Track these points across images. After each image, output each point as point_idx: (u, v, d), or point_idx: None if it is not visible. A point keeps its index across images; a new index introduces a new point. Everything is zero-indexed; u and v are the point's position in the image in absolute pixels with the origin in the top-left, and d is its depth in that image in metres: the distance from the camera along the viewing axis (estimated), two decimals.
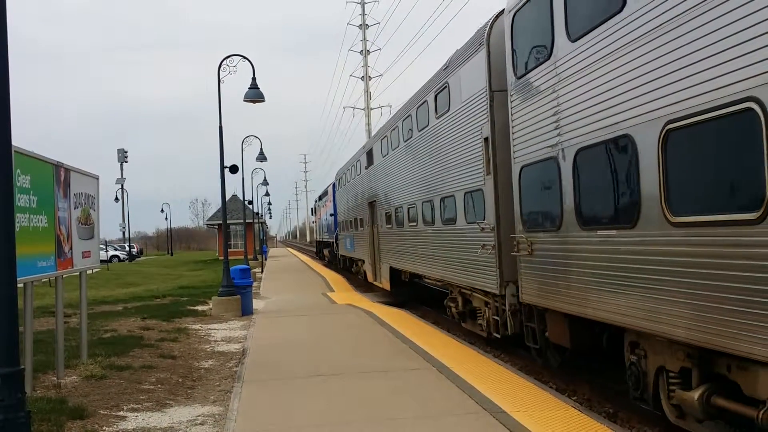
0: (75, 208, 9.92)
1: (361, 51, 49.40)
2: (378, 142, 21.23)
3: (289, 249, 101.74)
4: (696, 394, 6.13)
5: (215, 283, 26.23)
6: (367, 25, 49.26)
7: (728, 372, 5.85)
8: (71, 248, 9.69)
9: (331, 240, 41.16)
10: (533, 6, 8.93)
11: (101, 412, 7.87)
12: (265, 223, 79.58)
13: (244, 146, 32.71)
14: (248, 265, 23.52)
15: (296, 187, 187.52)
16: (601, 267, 7.46)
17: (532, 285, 9.44)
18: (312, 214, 69.23)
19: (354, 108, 52.71)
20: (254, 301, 19.11)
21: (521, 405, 7.41)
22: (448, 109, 12.84)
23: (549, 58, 8.55)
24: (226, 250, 18.62)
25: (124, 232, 75.45)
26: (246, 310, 17.46)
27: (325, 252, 47.61)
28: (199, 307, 19.45)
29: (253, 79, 18.07)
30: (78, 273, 10.46)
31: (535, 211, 9.30)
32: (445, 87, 12.95)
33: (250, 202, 49.29)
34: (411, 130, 16.09)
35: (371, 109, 49.17)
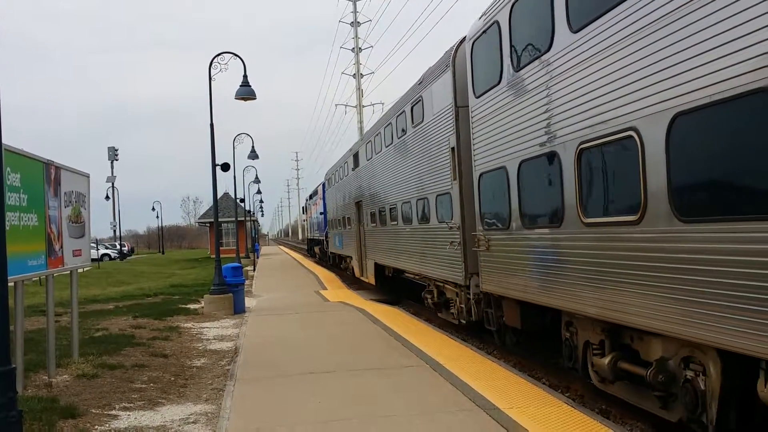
0: (65, 207, 9.86)
1: (353, 48, 49.34)
2: (364, 146, 22.56)
3: (281, 247, 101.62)
4: (606, 360, 7.66)
5: (207, 281, 26.16)
6: (358, 22, 49.19)
7: (631, 342, 7.43)
8: (62, 247, 9.64)
9: (321, 238, 42.43)
10: (487, 36, 10.35)
11: (93, 411, 7.84)
12: (257, 221, 79.45)
13: (235, 144, 32.65)
14: (240, 263, 23.46)
15: (288, 185, 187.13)
16: (539, 260, 8.95)
17: (490, 276, 10.88)
18: (303, 213, 71.45)
19: (346, 105, 52.64)
20: (246, 299, 19.07)
21: (515, 402, 7.42)
22: (422, 120, 14.23)
23: (499, 83, 10.01)
24: (218, 248, 18.56)
25: (115, 231, 75.19)
26: (238, 309, 17.42)
27: (316, 249, 48.87)
28: (191, 306, 19.40)
29: (245, 76, 18.01)
30: (69, 271, 10.41)
31: (491, 213, 10.71)
32: (420, 100, 14.39)
33: (242, 200, 49.21)
34: (392, 136, 17.47)
35: (363, 106, 49.11)
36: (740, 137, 5.18)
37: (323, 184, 39.23)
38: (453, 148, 12.15)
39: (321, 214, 41.04)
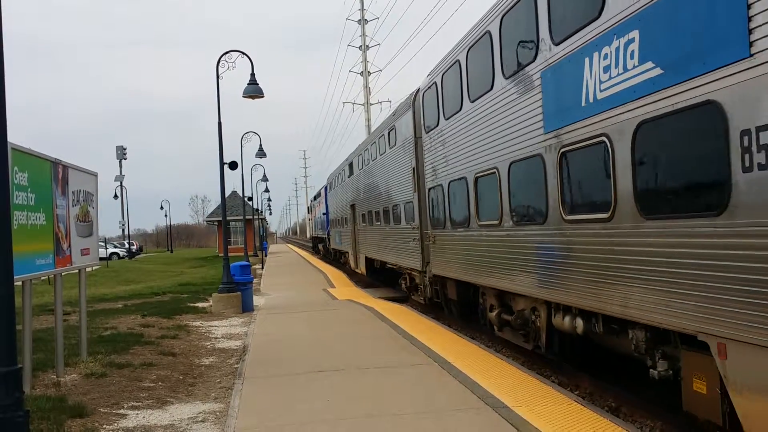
0: (73, 206, 9.86)
1: (360, 46, 49.26)
2: (357, 158, 26.29)
3: (289, 245, 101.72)
4: (494, 314, 11.53)
5: (215, 279, 26.19)
6: (366, 20, 49.11)
7: (510, 302, 11.06)
8: (70, 246, 9.64)
9: (324, 236, 46.55)
10: (430, 91, 14.34)
11: (101, 410, 7.84)
12: (265, 220, 79.53)
13: (243, 143, 32.63)
14: (248, 261, 23.48)
15: (296, 183, 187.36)
16: (462, 251, 12.67)
17: (436, 263, 14.74)
18: (308, 212, 78.05)
19: (353, 103, 52.56)
20: (255, 297, 19.07)
21: (523, 399, 7.38)
22: (395, 144, 18.22)
23: (437, 125, 13.81)
24: (226, 247, 18.57)
25: (123, 230, 75.40)
26: (246, 307, 17.42)
27: (320, 246, 53.05)
28: (200, 304, 19.42)
29: (252, 74, 18.00)
30: (77, 270, 10.42)
31: (435, 217, 14.58)
32: (393, 128, 18.40)
33: (250, 199, 49.23)
34: (377, 152, 21.46)
35: (371, 104, 49.05)
36: (530, 177, 9.34)
37: (325, 187, 43.15)
38: (413, 168, 16.14)
39: (324, 214, 44.59)
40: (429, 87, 14.35)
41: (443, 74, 13.20)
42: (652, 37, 6.35)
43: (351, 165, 27.90)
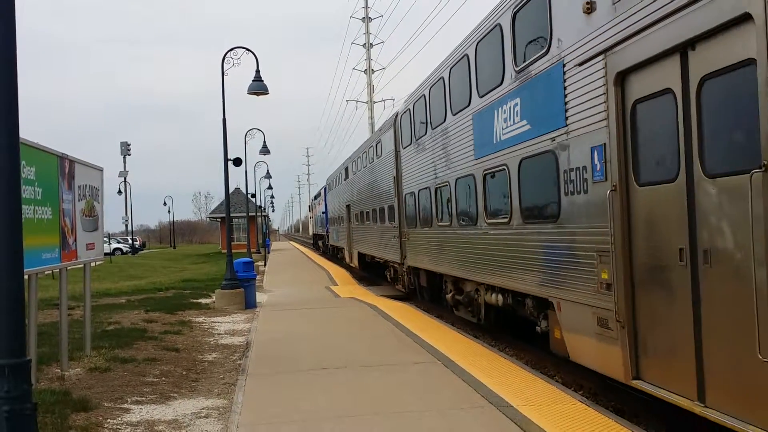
0: (79, 200, 9.88)
1: (364, 44, 49.24)
2: (351, 163, 29.36)
3: (291, 242, 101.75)
4: (450, 295, 14.26)
5: (218, 276, 26.23)
6: (370, 18, 49.09)
7: (462, 286, 13.58)
8: (75, 240, 9.66)
9: (323, 233, 50.22)
10: (406, 114, 17.28)
11: (105, 404, 7.85)
12: (268, 217, 79.57)
13: (247, 139, 32.68)
14: (251, 258, 23.50)
15: (299, 181, 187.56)
16: (429, 245, 15.50)
17: (411, 256, 17.75)
18: (309, 211, 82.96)
19: (357, 101, 52.59)
20: (258, 294, 19.10)
21: (528, 399, 7.38)
22: (381, 154, 21.29)
23: (411, 143, 16.86)
24: (230, 243, 18.57)
25: (126, 225, 75.50)
26: (249, 304, 17.44)
27: (320, 243, 56.41)
28: (203, 300, 19.44)
29: (257, 71, 17.99)
30: (82, 265, 10.43)
31: (410, 217, 17.48)
32: (380, 141, 21.48)
33: (253, 195, 49.29)
34: (366, 161, 24.54)
35: (374, 102, 49.03)
36: (468, 190, 12.18)
37: (325, 188, 46.76)
38: (394, 177, 19.11)
39: (323, 213, 47.88)
40: (405, 111, 17.51)
41: (415, 103, 16.26)
42: (525, 105, 9.44)
43: (347, 169, 31.07)
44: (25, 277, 7.23)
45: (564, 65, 8.22)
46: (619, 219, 7.10)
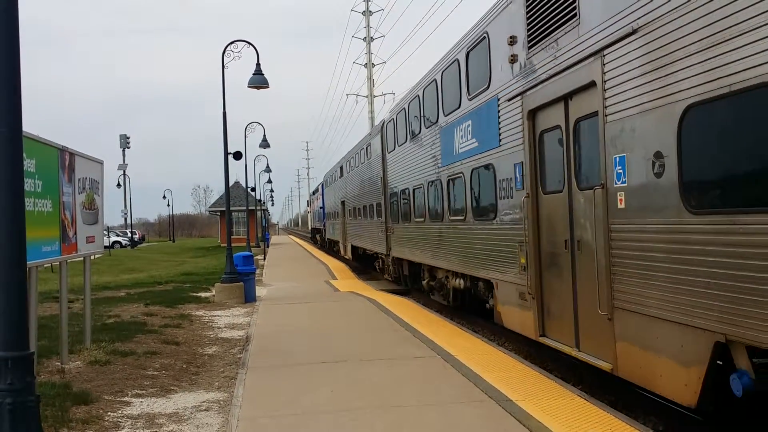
0: (79, 193, 9.88)
1: (365, 38, 49.17)
2: (346, 162, 31.48)
3: (291, 236, 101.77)
4: (426, 282, 16.49)
5: (218, 269, 26.25)
6: (370, 11, 49.00)
7: (435, 273, 15.49)
8: (75, 233, 9.66)
9: (321, 227, 52.69)
10: (391, 123, 19.46)
11: (106, 397, 7.87)
12: (268, 211, 79.56)
13: (247, 133, 32.66)
14: (251, 252, 23.51)
15: (298, 175, 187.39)
16: (410, 238, 17.53)
17: (395, 248, 19.97)
18: (308, 206, 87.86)
19: (357, 95, 52.51)
20: (257, 288, 19.12)
21: (527, 393, 7.40)
22: (370, 156, 23.53)
23: (394, 149, 19.10)
24: (230, 237, 18.58)
25: (126, 218, 75.49)
26: (249, 297, 17.46)
27: (318, 237, 59.09)
28: (202, 294, 19.46)
29: (258, 64, 17.96)
30: (81, 258, 10.44)
31: (394, 213, 19.63)
32: (369, 144, 23.72)
33: (253, 189, 49.24)
34: (358, 162, 26.76)
35: (374, 96, 48.98)
36: (437, 191, 14.32)
37: (322, 184, 49.21)
38: (381, 178, 21.20)
39: (320, 208, 50.41)
40: (390, 120, 19.65)
41: (397, 114, 18.48)
42: (475, 127, 11.69)
43: (342, 168, 33.44)
44: (26, 270, 7.25)
45: (498, 99, 10.41)
46: (530, 218, 9.35)
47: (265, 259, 38.42)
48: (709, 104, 5.61)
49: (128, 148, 74.30)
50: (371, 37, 48.99)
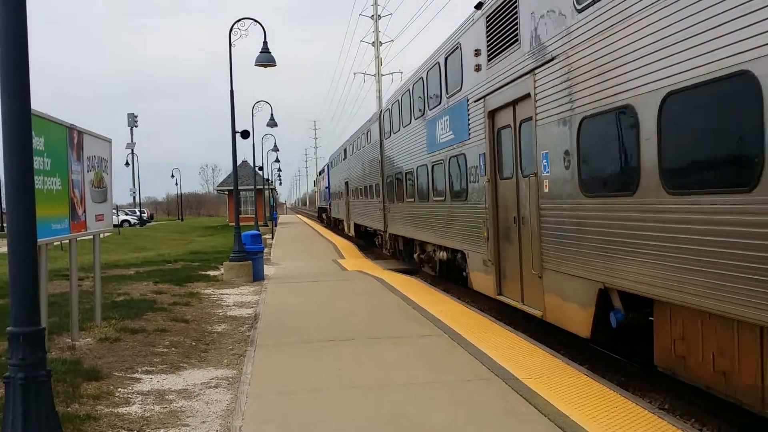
0: (88, 171, 9.92)
1: (372, 15, 48.83)
2: (349, 145, 33.65)
3: (298, 215, 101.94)
4: (417, 255, 18.47)
5: (226, 248, 26.35)
6: None
7: (425, 246, 17.49)
8: (85, 211, 9.71)
9: (326, 206, 55.34)
10: (387, 113, 21.49)
11: (116, 374, 7.96)
12: (275, 190, 79.65)
13: (254, 112, 32.62)
14: (259, 230, 23.58)
15: (306, 154, 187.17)
16: (403, 216, 19.27)
17: (391, 225, 21.88)
18: (314, 185, 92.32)
19: (364, 74, 52.31)
20: (265, 267, 19.19)
21: (533, 372, 7.44)
22: (370, 141, 25.62)
23: (390, 136, 21.04)
24: (237, 216, 18.63)
25: (134, 197, 75.74)
26: (257, 276, 17.55)
27: (324, 216, 61.75)
28: (211, 272, 19.56)
29: (265, 43, 17.89)
30: (91, 236, 10.50)
31: (390, 194, 21.55)
32: (369, 130, 25.77)
33: (261, 168, 49.27)
34: (361, 145, 28.70)
35: (382, 75, 48.73)
36: (423, 175, 16.46)
37: (328, 165, 51.56)
38: (379, 161, 23.26)
39: (326, 188, 52.70)
40: (387, 109, 21.50)
41: (392, 104, 20.34)
42: (451, 121, 13.58)
43: (345, 150, 35.63)
44: (37, 247, 7.31)
45: (468, 100, 12.38)
46: (490, 199, 11.44)
47: (273, 238, 38.53)
48: (595, 118, 7.66)
49: (136, 126, 74.30)
50: (379, 15, 48.67)
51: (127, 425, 6.27)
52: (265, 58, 17.93)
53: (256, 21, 18.06)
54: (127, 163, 72.46)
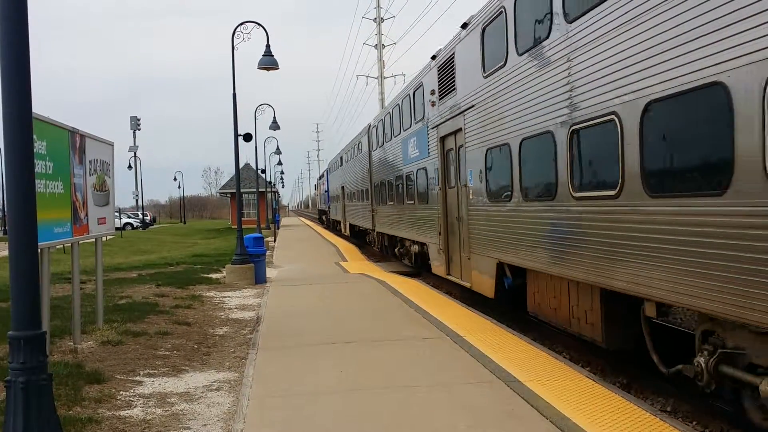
0: (90, 175, 9.93)
1: (375, 18, 48.90)
2: (345, 154, 37.29)
3: (301, 218, 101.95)
4: (397, 249, 22.39)
5: (228, 251, 26.36)
6: None
7: (403, 242, 21.30)
8: (87, 214, 9.73)
9: (326, 209, 59.23)
10: (375, 128, 24.74)
11: (118, 376, 7.96)
12: (278, 192, 79.70)
13: (257, 114, 32.64)
14: (261, 233, 23.58)
15: (308, 157, 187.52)
16: (388, 216, 22.60)
17: (378, 225, 25.21)
18: (314, 189, 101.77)
19: (367, 77, 52.30)
20: (267, 269, 19.19)
21: (535, 374, 7.43)
22: (361, 151, 28.97)
23: (376, 149, 24.53)
24: (240, 219, 18.65)
25: (137, 200, 75.84)
26: (259, 279, 17.55)
27: (324, 217, 65.51)
28: (213, 275, 19.57)
29: (267, 46, 17.90)
30: (93, 239, 10.51)
31: (378, 197, 24.46)
32: (360, 142, 29.36)
33: (263, 171, 49.31)
34: (354, 153, 31.82)
35: (384, 78, 48.79)
36: (399, 184, 20.23)
37: (327, 171, 56.18)
38: (368, 169, 26.72)
39: (325, 192, 56.92)
40: (375, 125, 24.86)
41: (379, 121, 23.84)
42: (417, 142, 16.91)
43: (342, 158, 39.40)
44: (38, 251, 7.32)
45: (427, 127, 15.86)
46: (441, 203, 14.86)
47: (275, 240, 38.54)
48: (493, 149, 11.13)
49: (139, 129, 74.49)
50: (381, 18, 48.73)
51: (129, 428, 6.27)
52: (268, 61, 17.94)
53: (258, 24, 18.08)
54: (129, 166, 72.59)
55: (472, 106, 11.93)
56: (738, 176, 5.40)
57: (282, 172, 74.63)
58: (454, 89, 13.20)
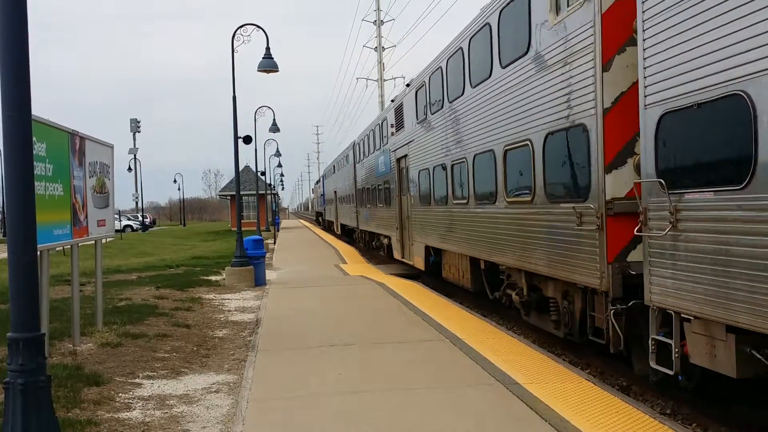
0: (90, 177, 9.93)
1: (375, 21, 48.94)
2: (336, 163, 43.52)
3: (301, 220, 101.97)
4: (374, 242, 28.26)
5: (228, 253, 26.35)
6: None
7: (378, 236, 26.98)
8: (86, 217, 9.72)
9: (322, 211, 65.29)
10: (358, 144, 30.76)
11: (117, 379, 7.96)
12: (278, 195, 79.74)
13: (257, 117, 32.65)
14: (261, 236, 23.58)
15: (308, 159, 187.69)
16: (367, 216, 29.07)
17: (361, 223, 32.34)
18: (312, 193, 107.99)
19: (367, 79, 52.40)
20: (267, 271, 19.19)
21: (535, 377, 7.42)
22: (348, 162, 34.34)
23: (359, 162, 30.88)
24: (240, 221, 18.64)
25: (137, 202, 75.86)
26: (259, 281, 17.54)
27: (320, 219, 71.00)
28: (213, 277, 19.56)
29: (267, 48, 17.91)
30: (93, 242, 10.51)
31: (360, 201, 31.48)
32: (348, 154, 34.47)
33: (263, 173, 49.33)
34: (344, 163, 36.93)
35: (384, 80, 48.84)
36: (377, 191, 25.72)
37: (322, 176, 63.07)
38: (354, 177, 31.54)
39: (321, 195, 63.25)
40: (359, 142, 30.27)
41: (362, 139, 28.98)
42: (384, 159, 23.17)
43: (334, 166, 45.24)
44: (37, 253, 7.31)
45: (390, 150, 21.07)
46: (398, 206, 20.36)
47: (275, 243, 38.54)
48: (421, 170, 16.75)
49: (139, 132, 74.59)
50: (381, 20, 48.78)
51: (128, 430, 6.27)
52: (268, 64, 17.95)
53: (258, 27, 18.09)
54: (129, 168, 72.62)
55: (412, 140, 17.92)
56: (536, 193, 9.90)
57: (282, 174, 74.69)
58: (403, 126, 19.21)
